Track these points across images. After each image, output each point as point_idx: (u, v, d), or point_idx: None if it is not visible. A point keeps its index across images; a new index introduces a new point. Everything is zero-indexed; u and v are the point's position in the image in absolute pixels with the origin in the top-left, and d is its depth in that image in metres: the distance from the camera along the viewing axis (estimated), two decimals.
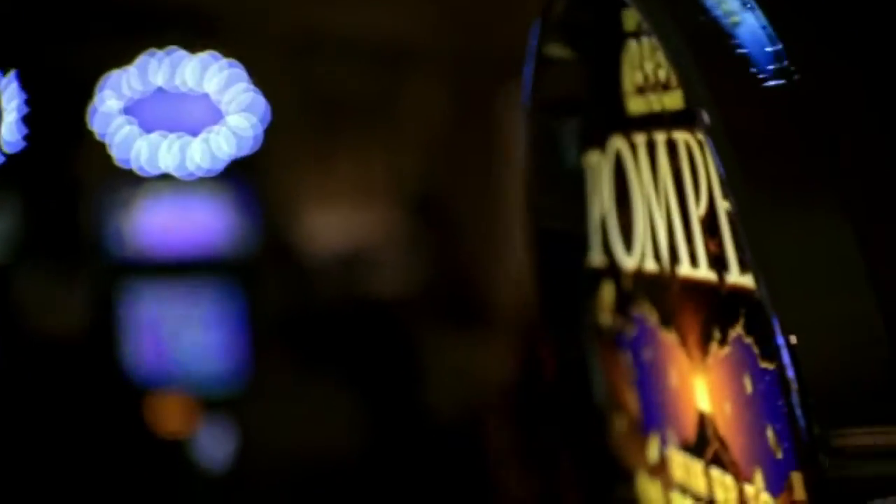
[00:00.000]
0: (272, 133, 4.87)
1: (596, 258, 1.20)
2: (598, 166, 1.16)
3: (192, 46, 4.35)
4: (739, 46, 0.87)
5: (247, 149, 4.55)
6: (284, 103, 8.26)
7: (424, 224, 6.37)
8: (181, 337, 4.22)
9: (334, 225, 6.88)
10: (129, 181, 4.12)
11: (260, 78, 4.49)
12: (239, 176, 4.47)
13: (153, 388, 4.13)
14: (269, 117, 4.57)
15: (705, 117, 0.84)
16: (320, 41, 8.90)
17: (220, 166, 4.40)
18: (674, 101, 0.99)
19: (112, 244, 4.05)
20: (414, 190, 7.15)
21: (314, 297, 5.37)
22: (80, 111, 4.03)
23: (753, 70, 0.86)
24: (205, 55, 4.41)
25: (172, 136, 4.32)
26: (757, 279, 0.82)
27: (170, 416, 4.03)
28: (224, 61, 4.38)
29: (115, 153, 4.18)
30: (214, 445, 3.84)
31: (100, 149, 4.06)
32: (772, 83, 0.85)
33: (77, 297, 3.95)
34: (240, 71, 4.41)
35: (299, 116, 8.33)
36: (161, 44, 4.24)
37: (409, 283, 6.00)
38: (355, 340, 5.00)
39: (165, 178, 4.26)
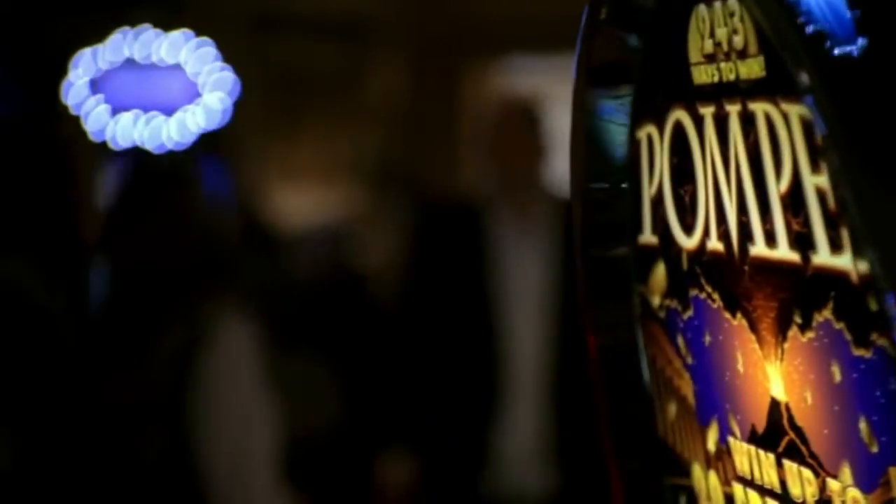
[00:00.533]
0: (240, 109, 4.78)
1: (647, 237, 1.14)
2: (653, 140, 1.09)
3: (162, 24, 4.26)
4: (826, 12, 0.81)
5: (217, 125, 4.47)
6: (250, 80, 8.16)
7: (390, 197, 6.30)
8: None
9: (301, 199, 6.79)
10: (102, 155, 4.04)
11: (226, 55, 4.40)
12: (209, 151, 4.38)
13: None
14: (237, 94, 4.48)
15: (805, 81, 0.78)
16: (284, 18, 8.81)
17: (191, 141, 4.31)
18: (751, 69, 0.92)
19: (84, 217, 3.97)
20: (378, 164, 7.08)
21: (286, 272, 5.30)
22: (53, 87, 3.94)
23: (843, 35, 0.81)
24: (177, 34, 4.33)
25: (145, 112, 4.23)
26: (868, 258, 0.76)
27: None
28: (196, 40, 4.29)
29: (89, 128, 4.09)
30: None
31: (73, 123, 3.97)
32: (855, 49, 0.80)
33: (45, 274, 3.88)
34: (211, 48, 4.32)
35: (264, 93, 8.23)
36: (133, 22, 4.15)
37: (378, 257, 5.94)
38: (329, 316, 4.94)
39: (138, 152, 4.17)
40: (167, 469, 2.59)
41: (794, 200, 0.89)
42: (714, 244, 1.02)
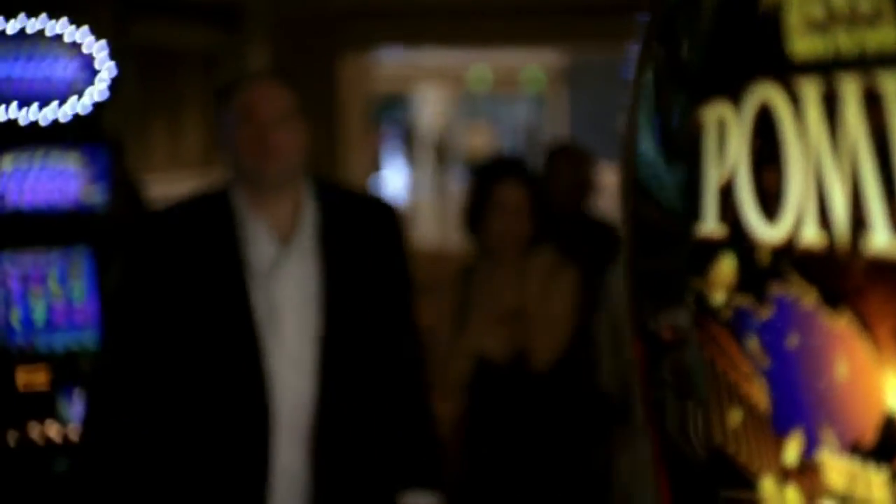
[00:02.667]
0: (116, 94, 4.57)
1: (710, 228, 1.03)
2: (726, 121, 0.98)
3: (35, 7, 4.04)
4: None
5: (95, 109, 4.26)
6: (128, 64, 7.88)
7: None
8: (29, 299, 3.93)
9: (183, 185, 6.57)
10: None
11: (101, 38, 4.20)
12: (89, 135, 4.17)
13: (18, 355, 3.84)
14: (115, 77, 4.28)
15: None
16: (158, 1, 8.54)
17: (72, 125, 4.10)
18: (885, 37, 0.81)
19: None
20: None
21: None
22: None
23: None
24: (60, 21, 4.12)
25: (29, 96, 4.01)
26: None
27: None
28: (73, 28, 4.08)
29: None
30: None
31: None
32: None
33: None
34: (87, 31, 4.11)
35: (143, 78, 7.96)
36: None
37: None
38: None
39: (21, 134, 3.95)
40: None
41: None
42: (810, 236, 0.91)
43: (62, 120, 4.11)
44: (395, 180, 20.88)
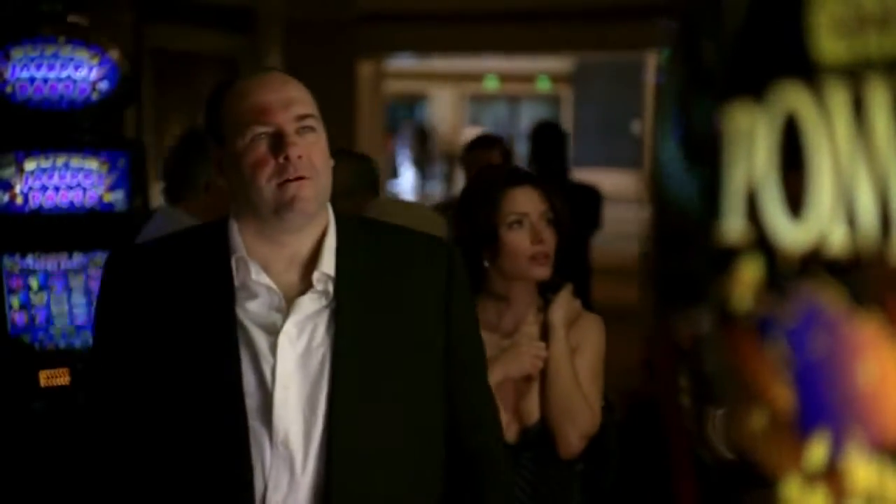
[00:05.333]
0: (135, 96, 4.59)
1: (734, 231, 1.03)
2: (751, 122, 0.99)
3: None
4: None
5: (115, 112, 4.28)
6: (145, 67, 7.95)
7: None
8: None
9: None
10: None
11: (120, 41, 4.23)
12: (109, 138, 4.19)
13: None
14: (133, 80, 4.30)
15: None
16: (172, 3, 8.57)
17: (92, 128, 4.12)
18: None
19: None
20: None
21: None
22: None
23: None
24: (80, 25, 4.16)
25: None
26: None
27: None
28: (92, 32, 4.11)
29: None
30: None
31: None
32: None
33: None
34: (106, 34, 4.14)
35: (160, 80, 8.00)
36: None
37: None
38: None
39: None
40: None
41: None
42: (838, 239, 0.91)
43: (82, 123, 4.14)
44: (406, 184, 20.88)
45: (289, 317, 1.92)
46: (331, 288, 1.95)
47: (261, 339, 1.92)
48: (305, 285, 1.95)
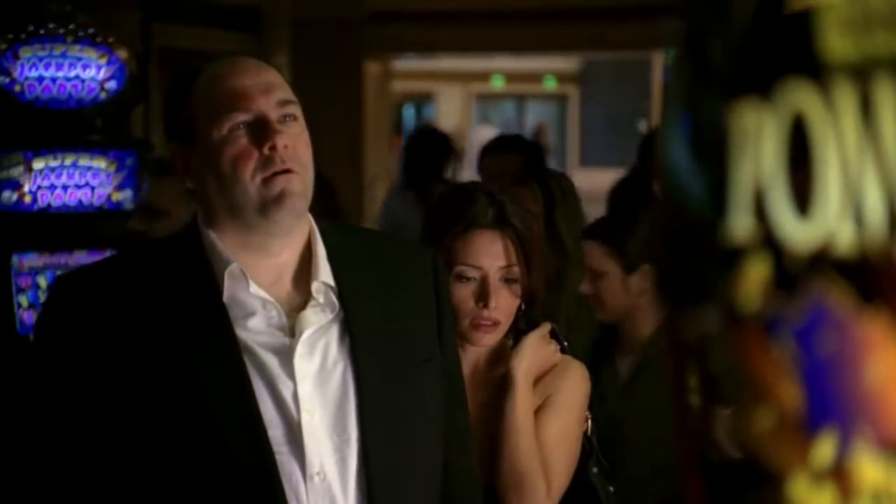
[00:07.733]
0: (142, 96, 4.61)
1: (741, 230, 1.03)
2: (759, 121, 0.99)
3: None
4: None
5: (122, 111, 4.30)
6: (152, 66, 7.97)
7: None
8: None
9: None
10: None
11: (127, 41, 4.25)
12: (117, 137, 4.21)
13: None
14: (140, 79, 4.32)
15: None
16: (180, 3, 8.60)
17: (100, 127, 4.14)
18: None
19: None
20: None
21: None
22: None
23: None
24: (88, 25, 4.18)
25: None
26: None
27: None
28: (100, 31, 4.13)
29: None
30: None
31: None
32: None
33: None
34: (113, 34, 4.16)
35: (167, 80, 8.00)
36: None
37: None
38: None
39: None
40: None
41: None
42: (846, 235, 0.92)
43: (90, 122, 4.16)
44: None
45: (297, 333, 1.72)
46: (333, 298, 1.76)
47: (272, 361, 1.70)
48: (302, 298, 1.76)
